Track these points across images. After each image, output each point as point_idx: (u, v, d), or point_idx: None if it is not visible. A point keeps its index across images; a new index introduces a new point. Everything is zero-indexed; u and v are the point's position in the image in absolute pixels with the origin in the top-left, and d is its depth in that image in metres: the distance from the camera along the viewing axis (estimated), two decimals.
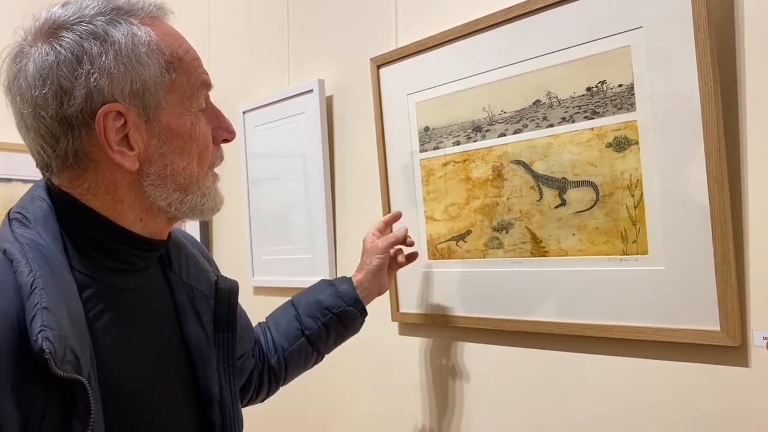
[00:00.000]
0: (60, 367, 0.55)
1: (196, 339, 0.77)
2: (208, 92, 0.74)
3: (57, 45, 0.64)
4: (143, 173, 0.68)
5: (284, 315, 1.09)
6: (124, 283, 0.70)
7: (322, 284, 1.12)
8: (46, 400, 0.56)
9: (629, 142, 0.93)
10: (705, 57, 0.83)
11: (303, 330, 1.06)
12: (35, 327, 0.55)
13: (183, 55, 0.70)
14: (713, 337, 0.85)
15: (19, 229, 0.64)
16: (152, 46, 0.67)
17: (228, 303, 0.82)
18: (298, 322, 1.06)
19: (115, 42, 0.64)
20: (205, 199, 0.73)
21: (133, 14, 0.67)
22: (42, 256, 0.61)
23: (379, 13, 1.35)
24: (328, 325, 1.06)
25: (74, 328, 0.59)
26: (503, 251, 1.10)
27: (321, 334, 1.06)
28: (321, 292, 1.09)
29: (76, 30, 0.64)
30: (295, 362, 1.07)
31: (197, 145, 0.71)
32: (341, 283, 1.10)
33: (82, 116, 0.64)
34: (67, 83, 0.63)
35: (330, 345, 1.10)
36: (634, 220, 0.93)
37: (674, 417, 0.92)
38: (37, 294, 0.57)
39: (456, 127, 1.15)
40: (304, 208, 1.51)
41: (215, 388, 0.76)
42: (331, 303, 1.06)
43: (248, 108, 1.66)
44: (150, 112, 0.67)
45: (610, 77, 0.94)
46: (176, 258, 0.81)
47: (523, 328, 1.07)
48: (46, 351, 0.54)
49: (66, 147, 0.65)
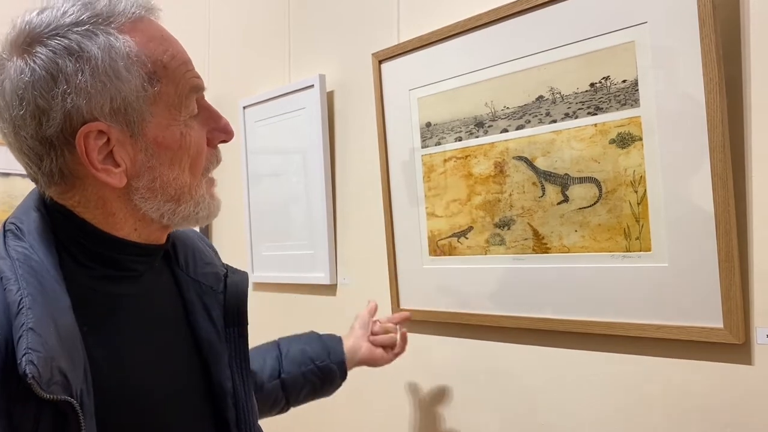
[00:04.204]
0: (46, 390, 0.54)
1: (206, 335, 0.76)
2: (201, 95, 0.70)
3: (31, 62, 0.60)
4: (132, 187, 0.65)
5: (266, 353, 1.07)
6: (123, 290, 0.69)
7: (313, 336, 1.12)
8: (37, 419, 0.55)
9: (633, 139, 0.92)
10: (710, 53, 0.83)
11: (280, 372, 1.04)
12: (20, 349, 0.53)
13: (168, 61, 0.65)
14: (716, 335, 0.85)
15: (12, 242, 0.62)
16: (132, 57, 0.62)
17: (237, 297, 0.81)
18: (278, 363, 1.05)
19: (91, 58, 0.60)
20: (199, 207, 0.70)
21: (111, 21, 0.62)
22: (32, 272, 0.59)
23: (381, 8, 1.34)
24: (306, 376, 1.06)
25: (64, 346, 0.57)
26: (505, 248, 1.09)
27: (297, 382, 1.05)
28: (309, 343, 1.09)
29: (50, 45, 0.60)
30: (261, 403, 1.00)
31: (188, 155, 0.67)
32: (332, 341, 1.10)
33: (63, 136, 0.61)
34: (43, 103, 0.60)
35: (301, 398, 1.08)
36: (637, 217, 0.93)
37: (677, 414, 0.91)
38: (24, 314, 0.55)
39: (458, 122, 1.14)
40: (304, 203, 1.51)
41: (228, 384, 0.75)
42: (317, 354, 1.07)
43: (249, 103, 1.65)
44: (134, 128, 0.63)
45: (614, 73, 0.94)
46: (183, 254, 0.80)
47: (525, 324, 1.07)
48: (29, 375, 0.53)
49: (50, 166, 0.63)
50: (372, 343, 1.14)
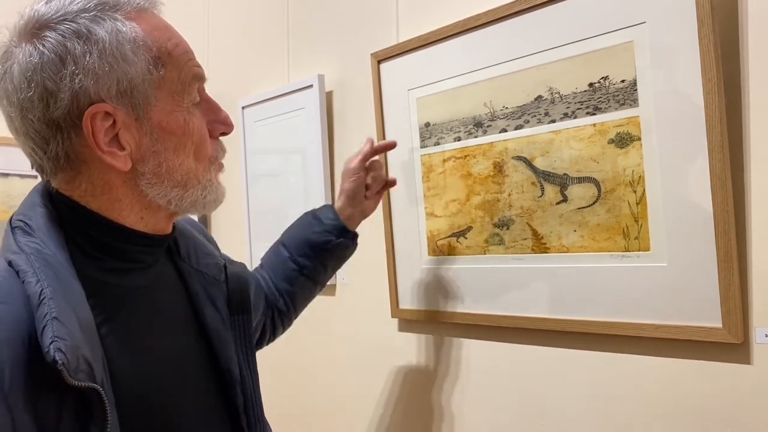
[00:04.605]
0: (74, 377, 0.55)
1: (213, 323, 0.77)
2: (202, 85, 0.72)
3: (40, 45, 0.62)
4: (138, 172, 0.67)
5: (278, 258, 1.10)
6: (132, 282, 0.70)
7: (308, 219, 1.11)
8: (61, 407, 0.57)
9: (631, 138, 0.92)
10: (708, 53, 0.83)
11: (301, 270, 1.08)
12: (46, 338, 0.55)
13: (172, 49, 0.68)
14: (715, 334, 0.85)
15: (23, 238, 0.63)
16: (138, 42, 0.64)
17: (240, 285, 0.83)
18: (293, 263, 1.08)
19: (99, 40, 0.62)
20: (206, 192, 0.71)
21: (118, 9, 0.65)
22: (48, 265, 0.61)
23: (380, 8, 1.34)
24: (323, 260, 1.08)
25: (86, 336, 0.59)
26: (504, 247, 1.09)
27: (318, 268, 1.09)
28: (309, 229, 1.09)
29: (59, 29, 0.62)
30: (301, 299, 1.10)
31: (192, 141, 0.69)
32: (325, 214, 1.09)
33: (70, 118, 0.63)
34: (51, 85, 0.61)
35: (329, 273, 1.12)
36: (636, 217, 0.93)
37: (676, 414, 0.91)
38: (46, 304, 0.57)
39: (457, 122, 1.14)
40: (303, 203, 1.51)
41: (236, 370, 0.77)
42: (322, 240, 1.07)
43: (248, 103, 1.65)
44: (139, 111, 0.65)
45: (613, 73, 0.94)
46: (184, 246, 0.81)
47: (524, 324, 1.07)
48: (58, 362, 0.54)
49: (56, 149, 0.64)
50: (361, 190, 1.11)
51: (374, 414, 1.37)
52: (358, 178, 1.10)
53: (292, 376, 1.56)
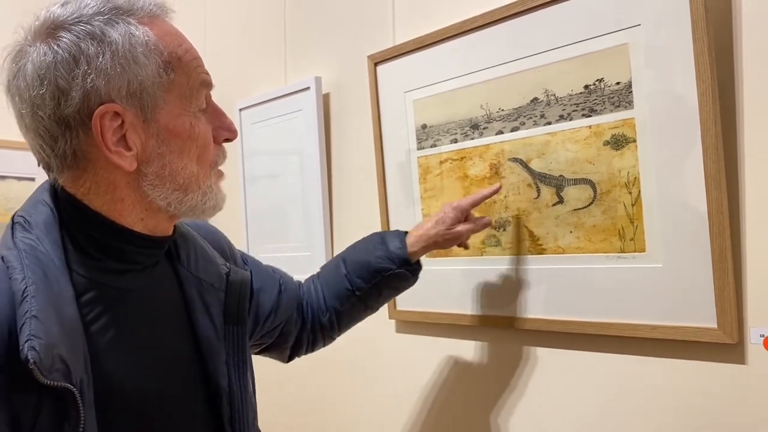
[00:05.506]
0: (47, 376, 0.56)
1: (205, 332, 0.77)
2: (208, 92, 0.74)
3: (55, 45, 0.64)
4: (141, 173, 0.68)
5: (335, 272, 1.05)
6: (128, 283, 0.70)
7: (376, 239, 1.05)
8: (38, 405, 0.57)
9: (627, 140, 0.93)
10: (703, 55, 0.83)
11: (354, 291, 1.02)
12: (23, 336, 0.56)
13: (182, 54, 0.70)
14: (710, 335, 0.86)
15: (20, 234, 0.65)
16: (150, 46, 0.66)
17: (239, 296, 0.82)
18: (348, 281, 1.03)
19: (113, 42, 0.64)
20: (206, 198, 0.72)
21: (132, 14, 0.67)
22: (38, 262, 0.61)
23: (377, 11, 1.34)
24: (378, 286, 1.02)
25: (66, 334, 0.59)
26: (501, 249, 1.10)
27: (372, 293, 1.03)
28: (372, 251, 1.03)
29: (73, 30, 0.64)
30: (347, 319, 1.06)
31: (196, 145, 0.70)
32: (393, 241, 1.03)
33: (80, 116, 0.64)
34: (64, 83, 0.63)
35: (382, 300, 1.07)
36: (631, 218, 0.93)
37: (671, 414, 0.92)
38: (28, 302, 0.57)
39: (453, 124, 1.15)
40: (301, 205, 1.51)
41: (224, 382, 0.76)
42: (381, 266, 1.01)
43: (245, 105, 1.65)
44: (148, 113, 0.66)
45: (608, 75, 0.94)
46: (184, 250, 0.81)
47: (520, 325, 1.08)
48: (30, 360, 0.55)
49: (64, 147, 0.65)
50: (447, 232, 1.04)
51: (371, 415, 1.38)
52: (453, 236, 1.03)
53: (289, 378, 1.56)
